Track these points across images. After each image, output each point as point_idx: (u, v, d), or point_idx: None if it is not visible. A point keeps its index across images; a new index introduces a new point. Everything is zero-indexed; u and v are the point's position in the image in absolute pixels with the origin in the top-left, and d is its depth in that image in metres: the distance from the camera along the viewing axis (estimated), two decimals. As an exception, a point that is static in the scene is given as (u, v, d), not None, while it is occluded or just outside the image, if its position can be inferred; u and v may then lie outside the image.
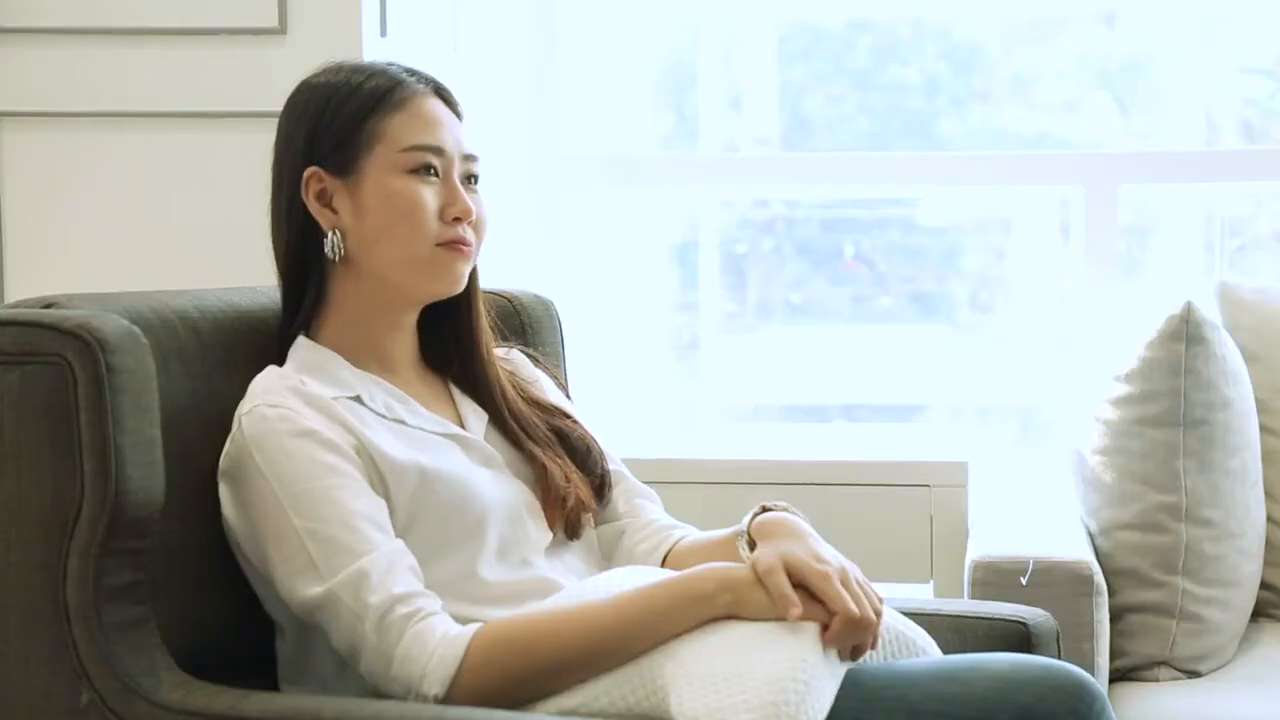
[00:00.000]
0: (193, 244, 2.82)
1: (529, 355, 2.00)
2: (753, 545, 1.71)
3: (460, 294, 1.83)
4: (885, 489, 2.76)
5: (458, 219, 1.77)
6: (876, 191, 3.26)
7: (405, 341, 1.85)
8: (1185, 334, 2.39)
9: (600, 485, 1.88)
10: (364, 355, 1.80)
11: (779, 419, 3.34)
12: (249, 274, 2.03)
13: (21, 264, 2.85)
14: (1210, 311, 2.49)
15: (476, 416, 1.85)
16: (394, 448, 1.72)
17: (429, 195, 1.76)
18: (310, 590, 1.62)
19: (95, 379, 1.59)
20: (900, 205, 3.31)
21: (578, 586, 1.70)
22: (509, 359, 1.96)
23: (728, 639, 1.57)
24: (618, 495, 1.91)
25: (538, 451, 1.84)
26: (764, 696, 1.49)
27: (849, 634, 1.59)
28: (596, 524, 1.90)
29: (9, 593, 1.62)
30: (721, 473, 2.79)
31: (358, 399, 1.75)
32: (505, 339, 2.00)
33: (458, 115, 1.83)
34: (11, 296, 2.82)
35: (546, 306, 2.15)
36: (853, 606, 1.59)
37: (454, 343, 1.88)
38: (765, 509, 1.77)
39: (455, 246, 1.77)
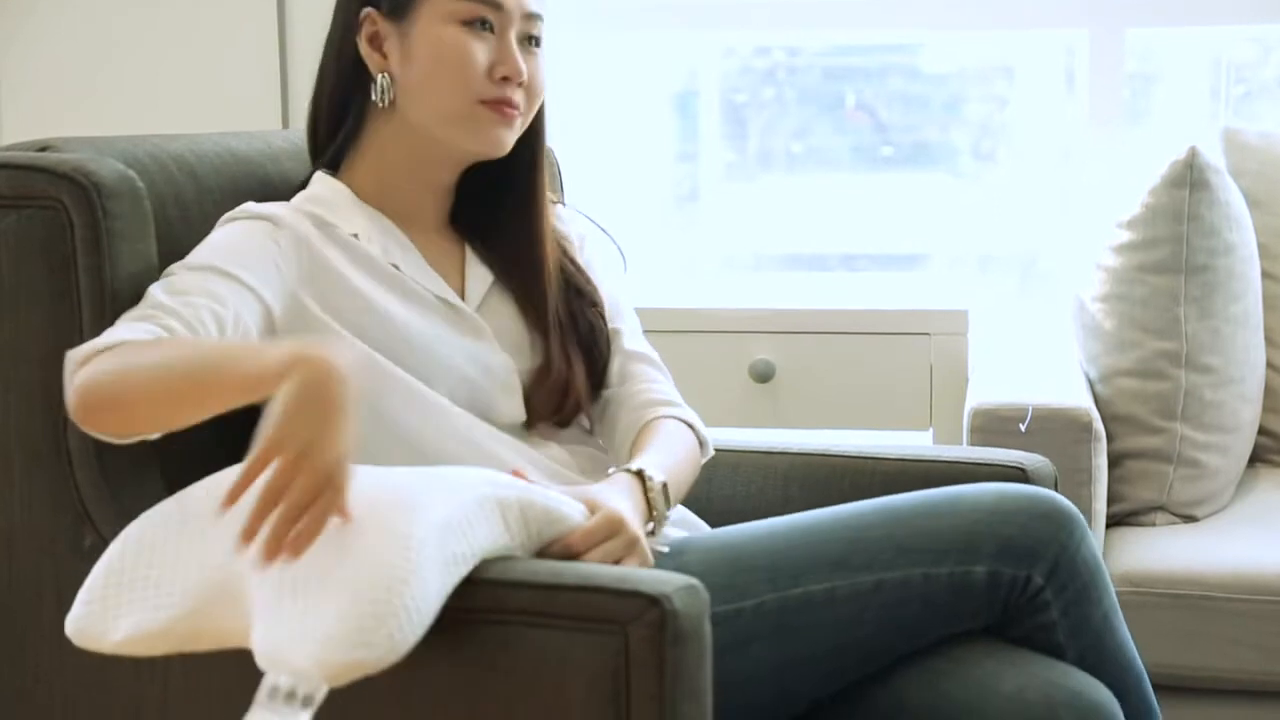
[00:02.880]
0: (189, 89, 2.80)
1: (590, 222, 1.93)
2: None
3: (521, 163, 1.77)
4: (885, 337, 2.76)
5: (506, 79, 1.71)
6: (878, 36, 3.22)
7: (435, 201, 1.80)
8: (1189, 179, 2.38)
9: (598, 377, 1.83)
10: (386, 202, 1.76)
11: (779, 268, 3.34)
12: (245, 119, 2.02)
13: (17, 107, 2.83)
14: (1214, 157, 2.47)
15: (480, 283, 1.79)
16: (365, 286, 1.68)
17: (479, 50, 1.70)
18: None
19: (92, 224, 1.58)
20: (902, 52, 3.28)
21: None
22: (568, 235, 1.88)
23: (322, 545, 1.37)
24: (612, 360, 1.85)
25: (548, 336, 1.78)
26: (343, 622, 1.32)
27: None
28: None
29: (10, 436, 1.62)
30: (721, 321, 2.80)
31: (355, 236, 1.71)
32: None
33: None
34: (6, 140, 2.80)
35: (547, 154, 2.13)
36: (584, 544, 1.51)
37: (504, 213, 1.81)
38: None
39: (499, 107, 1.71)
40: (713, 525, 1.79)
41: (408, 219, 1.77)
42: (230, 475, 1.41)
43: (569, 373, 1.78)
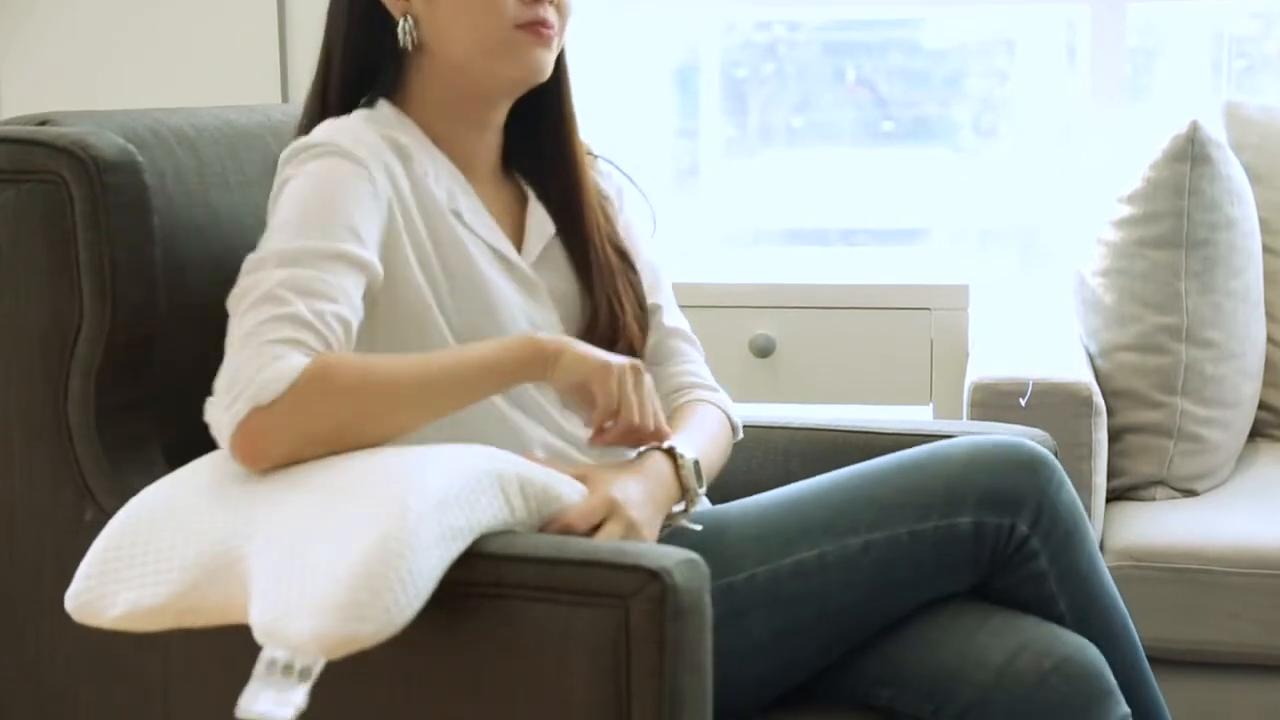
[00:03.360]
0: (188, 63, 2.79)
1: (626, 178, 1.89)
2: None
3: (549, 91, 1.73)
4: (886, 312, 2.76)
5: None
6: (879, 11, 3.21)
7: (487, 143, 1.74)
8: (1190, 154, 2.38)
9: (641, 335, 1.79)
10: (441, 145, 1.71)
11: (780, 243, 3.33)
12: (244, 93, 2.01)
13: (16, 82, 2.83)
14: (1216, 131, 2.47)
15: (539, 238, 1.75)
16: (437, 235, 1.64)
17: None
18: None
19: (91, 198, 1.58)
20: (903, 27, 3.27)
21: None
22: (608, 191, 1.85)
23: (320, 520, 1.39)
24: (650, 335, 1.82)
25: (594, 287, 1.75)
26: (339, 595, 1.31)
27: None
28: None
29: (11, 411, 1.62)
30: (722, 297, 2.80)
31: (425, 175, 1.66)
32: None
33: None
34: (6, 114, 2.80)
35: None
36: (581, 523, 1.51)
37: (543, 146, 1.77)
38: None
39: (535, 29, 1.66)
40: (712, 501, 1.79)
41: (467, 167, 1.72)
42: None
43: (616, 322, 1.75)
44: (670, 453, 1.63)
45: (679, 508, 1.62)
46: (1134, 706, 1.63)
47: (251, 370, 1.42)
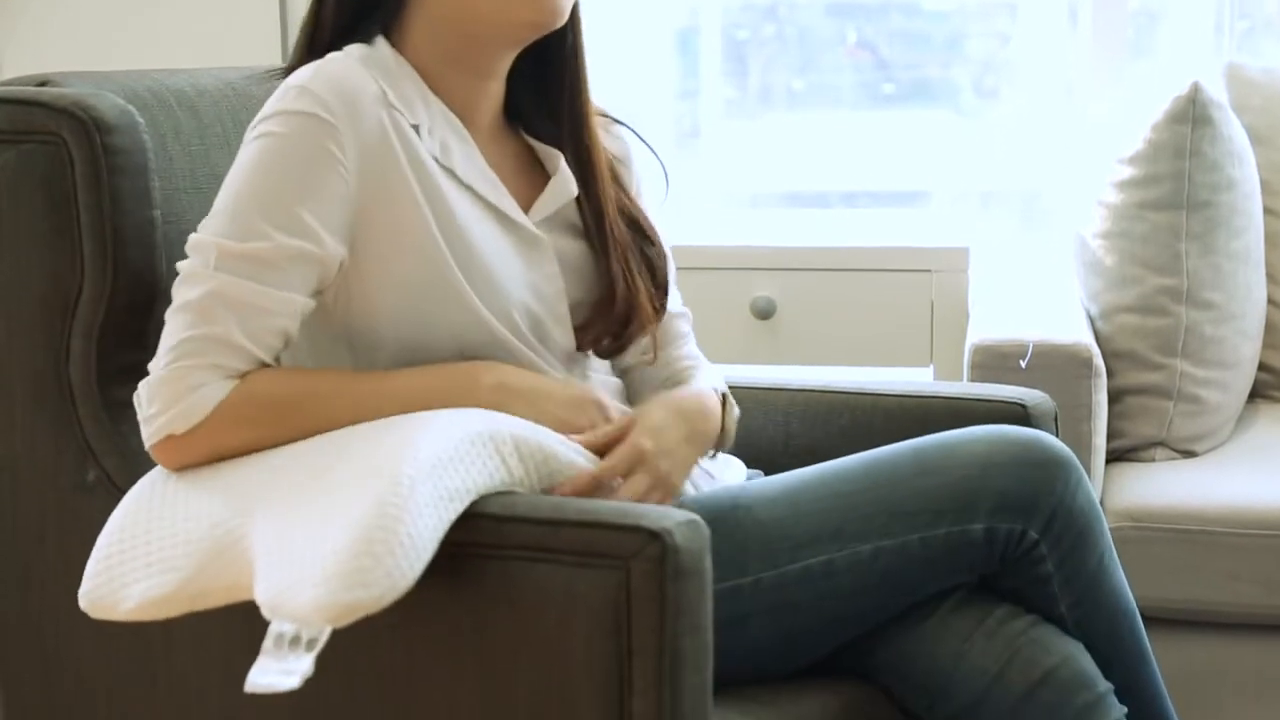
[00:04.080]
0: (189, 24, 2.78)
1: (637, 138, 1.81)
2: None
3: (558, 44, 1.63)
4: (886, 274, 2.76)
5: None
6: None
7: (489, 93, 1.64)
8: (1191, 115, 2.38)
9: (655, 311, 1.71)
10: (441, 92, 1.61)
11: (780, 206, 3.33)
12: (245, 54, 2.00)
13: (16, 42, 2.82)
14: (1217, 92, 2.46)
15: (555, 199, 1.66)
16: (427, 195, 1.55)
17: None
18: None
19: (92, 159, 1.58)
20: (904, -12, 3.27)
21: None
22: (621, 155, 1.77)
23: (317, 493, 1.41)
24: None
25: (610, 258, 1.67)
26: (340, 564, 1.32)
27: (586, 487, 1.52)
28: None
29: (13, 372, 1.62)
30: (723, 259, 2.80)
31: (415, 129, 1.57)
32: None
33: None
34: (6, 75, 2.79)
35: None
36: (608, 475, 1.53)
37: (551, 104, 1.68)
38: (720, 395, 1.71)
39: None
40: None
41: (464, 114, 1.63)
42: None
43: (633, 299, 1.67)
44: (724, 398, 1.65)
45: (709, 454, 1.64)
46: (1135, 706, 1.61)
47: (170, 396, 1.46)
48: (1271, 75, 2.67)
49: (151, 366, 1.49)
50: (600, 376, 1.72)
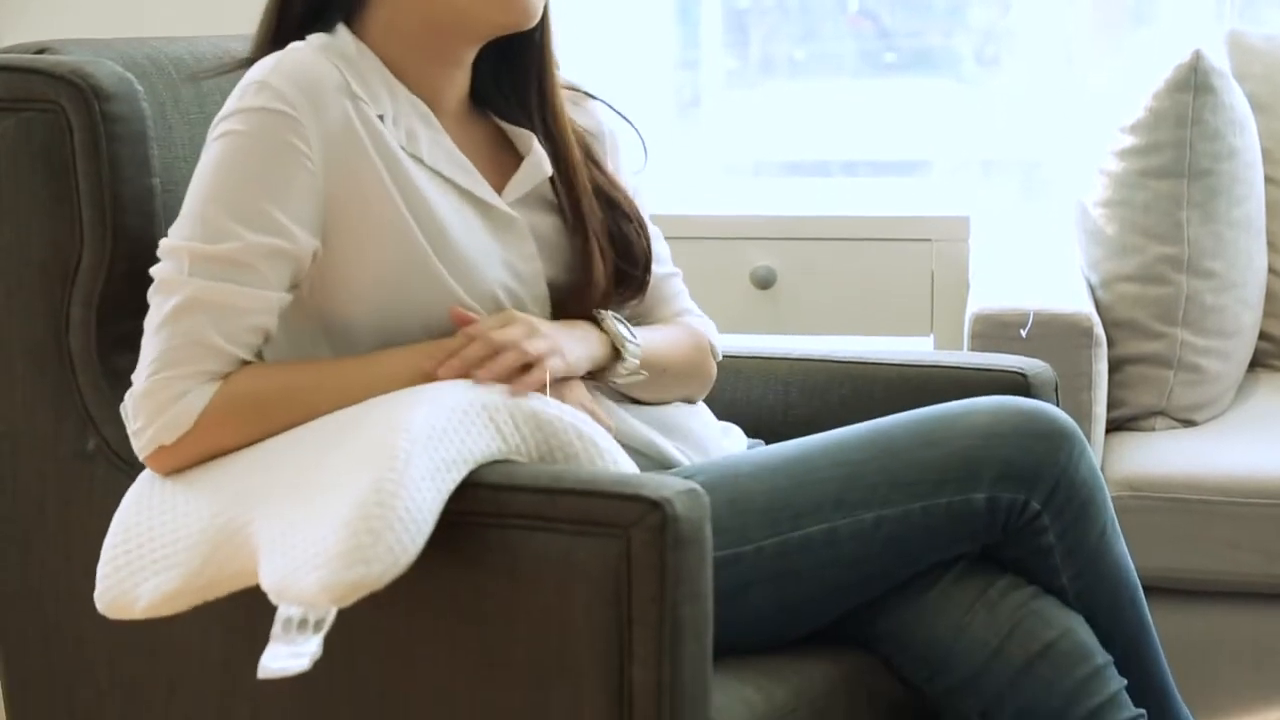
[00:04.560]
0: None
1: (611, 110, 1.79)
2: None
3: (531, 29, 1.61)
4: (887, 243, 2.76)
5: None
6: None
7: (455, 81, 1.64)
8: (1193, 83, 2.37)
9: (637, 285, 1.71)
10: (407, 79, 1.61)
11: (781, 175, 3.32)
12: (242, 23, 1.99)
13: (13, 9, 2.81)
14: (1219, 60, 2.46)
15: (529, 179, 1.65)
16: (396, 182, 1.55)
17: None
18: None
19: (91, 127, 1.58)
20: (906, -44, 3.26)
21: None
22: (594, 127, 1.76)
23: (315, 475, 1.41)
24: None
25: (589, 241, 1.65)
26: (341, 543, 1.33)
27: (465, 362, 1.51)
28: None
29: (13, 340, 1.63)
30: (723, 228, 2.80)
31: (380, 118, 1.56)
32: None
33: None
34: (4, 42, 2.78)
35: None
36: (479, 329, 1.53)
37: (518, 87, 1.68)
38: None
39: None
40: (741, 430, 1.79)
41: (430, 101, 1.62)
42: None
43: (608, 286, 1.67)
44: (592, 316, 1.64)
45: (625, 366, 1.63)
46: (1136, 678, 1.61)
47: (154, 408, 1.48)
48: (1273, 43, 2.66)
49: (135, 378, 1.50)
50: None
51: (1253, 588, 2.22)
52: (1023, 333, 2.27)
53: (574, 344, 1.59)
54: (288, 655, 1.32)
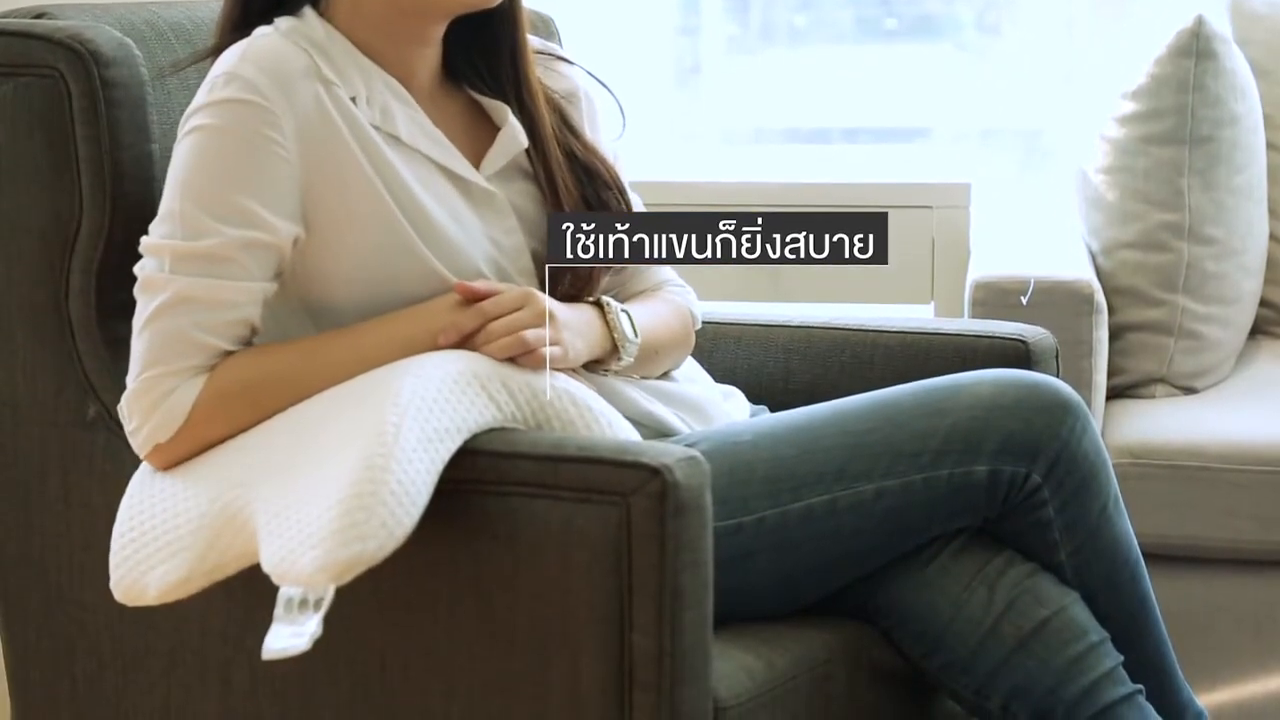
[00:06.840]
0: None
1: (590, 75, 1.77)
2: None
3: (500, 4, 1.60)
4: (887, 211, 2.74)
5: None
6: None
7: (426, 58, 1.63)
8: (1195, 49, 2.36)
9: None
10: (377, 57, 1.60)
11: (781, 142, 3.32)
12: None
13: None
14: (1221, 26, 2.45)
15: (505, 152, 1.64)
16: (374, 165, 1.55)
17: None
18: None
19: (90, 93, 1.57)
20: (906, -78, 3.25)
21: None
22: (568, 91, 1.74)
23: (308, 454, 1.43)
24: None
25: (563, 207, 1.64)
26: (335, 521, 1.34)
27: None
28: None
29: (13, 307, 1.62)
30: (723, 195, 2.79)
31: (353, 100, 1.56)
32: None
33: None
34: (2, 7, 2.77)
35: (547, 23, 2.10)
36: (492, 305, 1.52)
37: (490, 61, 1.66)
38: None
39: None
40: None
41: (403, 78, 1.61)
42: None
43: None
44: (597, 303, 1.63)
45: (616, 358, 1.62)
46: (1135, 656, 1.61)
47: (146, 408, 1.49)
48: (1275, 8, 2.65)
49: (128, 379, 1.51)
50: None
51: (1252, 555, 2.23)
52: (1023, 300, 2.26)
53: (577, 338, 1.58)
54: (289, 635, 1.33)
